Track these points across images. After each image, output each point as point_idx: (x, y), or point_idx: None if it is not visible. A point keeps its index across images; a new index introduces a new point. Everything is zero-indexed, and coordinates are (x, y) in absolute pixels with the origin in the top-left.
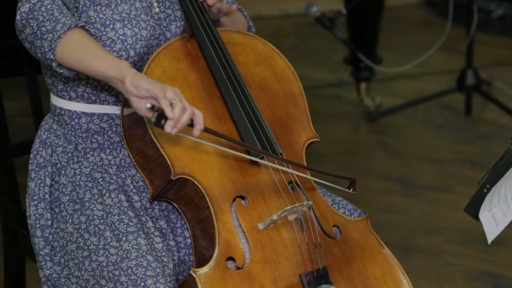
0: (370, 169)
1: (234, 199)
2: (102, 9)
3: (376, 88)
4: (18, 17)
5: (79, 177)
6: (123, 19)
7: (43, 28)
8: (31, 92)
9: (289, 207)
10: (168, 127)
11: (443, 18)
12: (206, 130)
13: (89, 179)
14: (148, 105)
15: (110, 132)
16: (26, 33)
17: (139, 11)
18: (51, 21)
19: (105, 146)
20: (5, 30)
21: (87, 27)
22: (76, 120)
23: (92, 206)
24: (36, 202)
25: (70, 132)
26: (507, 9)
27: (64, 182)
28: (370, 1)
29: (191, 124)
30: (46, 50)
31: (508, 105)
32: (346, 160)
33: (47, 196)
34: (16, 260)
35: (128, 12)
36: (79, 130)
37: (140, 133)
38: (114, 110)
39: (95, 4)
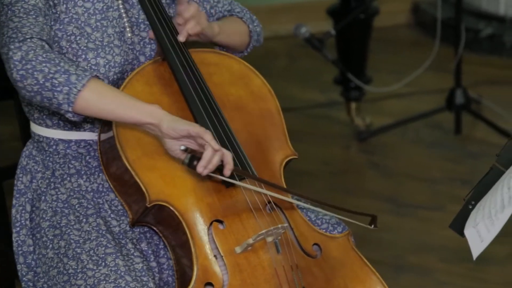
0: (360, 189)
1: (211, 223)
2: (77, 39)
3: (366, 108)
4: (11, 65)
5: (55, 203)
6: (97, 48)
7: (54, 81)
8: (20, 115)
9: (263, 230)
10: (200, 167)
11: (432, 38)
12: (235, 170)
13: (66, 205)
14: (182, 147)
15: (88, 157)
16: (26, 83)
17: (112, 37)
18: (61, 73)
19: (82, 172)
20: None
21: (96, 75)
22: (54, 146)
23: (69, 231)
24: (18, 228)
25: (48, 158)
26: (495, 28)
27: (44, 207)
28: (359, 22)
29: (220, 165)
30: (62, 102)
31: (497, 123)
32: (336, 180)
33: (27, 222)
34: (7, 283)
35: (101, 39)
36: (57, 156)
37: (115, 159)
38: (91, 136)
39: (68, 34)
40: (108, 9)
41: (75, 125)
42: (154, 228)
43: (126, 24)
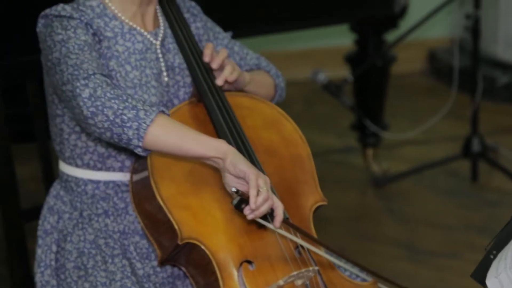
0: (377, 235)
1: (241, 264)
2: (117, 75)
3: (382, 154)
4: (81, 103)
5: (83, 244)
6: (135, 86)
7: (123, 117)
8: (42, 158)
9: (294, 272)
10: (247, 211)
11: (447, 85)
12: (285, 222)
13: (93, 246)
14: (233, 189)
15: (115, 199)
16: (97, 120)
17: (149, 77)
18: (130, 109)
19: (110, 213)
20: (18, 97)
21: (163, 110)
22: (83, 186)
23: (96, 273)
24: (42, 269)
25: (76, 199)
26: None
27: (70, 248)
28: (377, 69)
29: (270, 213)
30: (132, 137)
31: None
32: (353, 226)
33: (53, 262)
34: None
35: (140, 78)
36: (85, 196)
37: (148, 198)
38: (120, 177)
39: (110, 69)
40: (147, 50)
41: (104, 165)
42: (183, 268)
43: (163, 68)
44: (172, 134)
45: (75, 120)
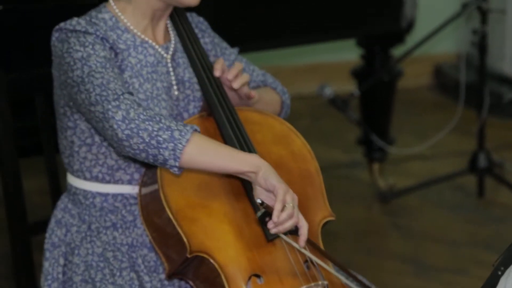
0: (383, 250)
1: (249, 278)
2: (130, 87)
3: (389, 169)
4: (114, 126)
5: (91, 257)
6: (147, 98)
7: (159, 138)
8: (49, 171)
9: (304, 286)
10: (270, 224)
11: (455, 100)
12: (309, 242)
13: (101, 259)
14: (259, 201)
15: (123, 211)
16: (132, 142)
17: (160, 90)
18: (164, 130)
19: (118, 226)
20: (25, 111)
21: (196, 128)
22: (91, 199)
23: (103, 286)
24: (49, 281)
25: (84, 212)
26: None
27: (77, 261)
28: (383, 83)
29: (295, 231)
30: (168, 158)
31: None
32: (359, 241)
33: (60, 276)
34: None
35: (151, 91)
36: (93, 209)
37: (157, 211)
38: (128, 189)
39: (124, 81)
40: (158, 63)
41: (113, 178)
42: (190, 282)
43: (173, 82)
44: (207, 152)
45: (106, 140)
